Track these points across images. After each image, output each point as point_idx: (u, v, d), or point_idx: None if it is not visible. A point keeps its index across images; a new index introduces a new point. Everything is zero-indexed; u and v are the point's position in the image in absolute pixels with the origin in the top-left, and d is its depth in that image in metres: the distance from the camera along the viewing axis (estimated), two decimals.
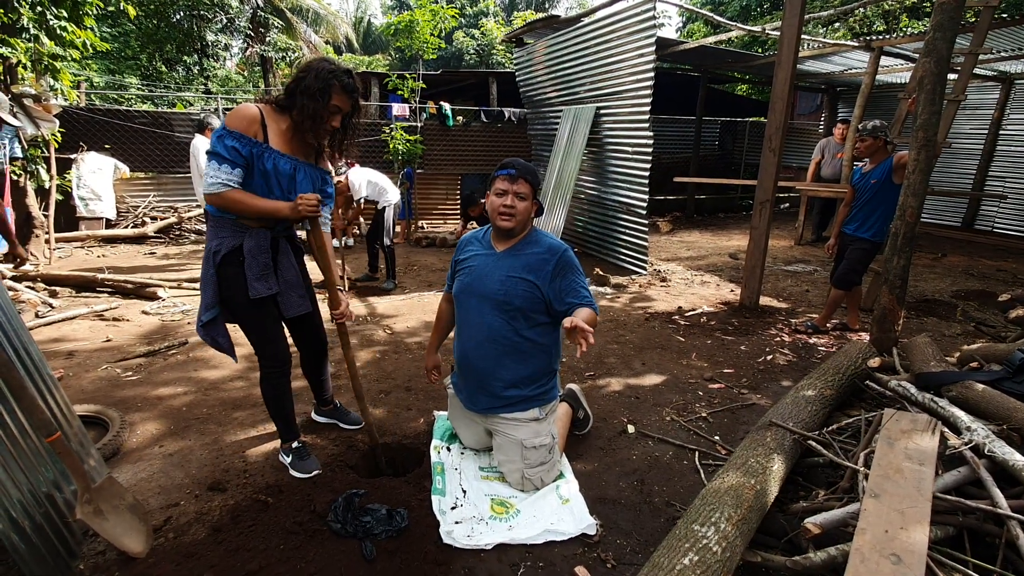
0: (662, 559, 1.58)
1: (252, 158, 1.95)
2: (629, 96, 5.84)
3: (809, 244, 8.01)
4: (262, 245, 2.07)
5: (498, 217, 2.11)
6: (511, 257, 2.16)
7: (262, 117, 1.97)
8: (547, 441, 2.23)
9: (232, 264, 2.05)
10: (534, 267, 2.13)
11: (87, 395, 3.01)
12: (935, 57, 3.09)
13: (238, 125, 1.92)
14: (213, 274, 2.05)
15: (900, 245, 3.28)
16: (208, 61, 17.76)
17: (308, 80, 1.94)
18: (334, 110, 2.00)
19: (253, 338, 2.20)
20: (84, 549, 1.88)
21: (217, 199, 1.93)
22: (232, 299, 2.10)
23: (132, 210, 7.87)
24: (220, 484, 2.24)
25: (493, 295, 2.13)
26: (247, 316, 2.14)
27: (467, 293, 2.22)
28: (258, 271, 2.06)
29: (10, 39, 5.33)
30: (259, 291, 2.06)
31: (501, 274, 2.14)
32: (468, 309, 2.22)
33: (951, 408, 2.25)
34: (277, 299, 2.16)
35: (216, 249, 2.04)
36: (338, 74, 1.97)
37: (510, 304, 2.11)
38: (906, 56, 7.45)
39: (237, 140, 1.92)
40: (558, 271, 2.12)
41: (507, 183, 2.08)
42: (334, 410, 2.72)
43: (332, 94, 1.96)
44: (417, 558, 1.83)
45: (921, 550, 1.50)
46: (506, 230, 2.13)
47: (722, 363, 3.65)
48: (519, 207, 2.09)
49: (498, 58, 22.53)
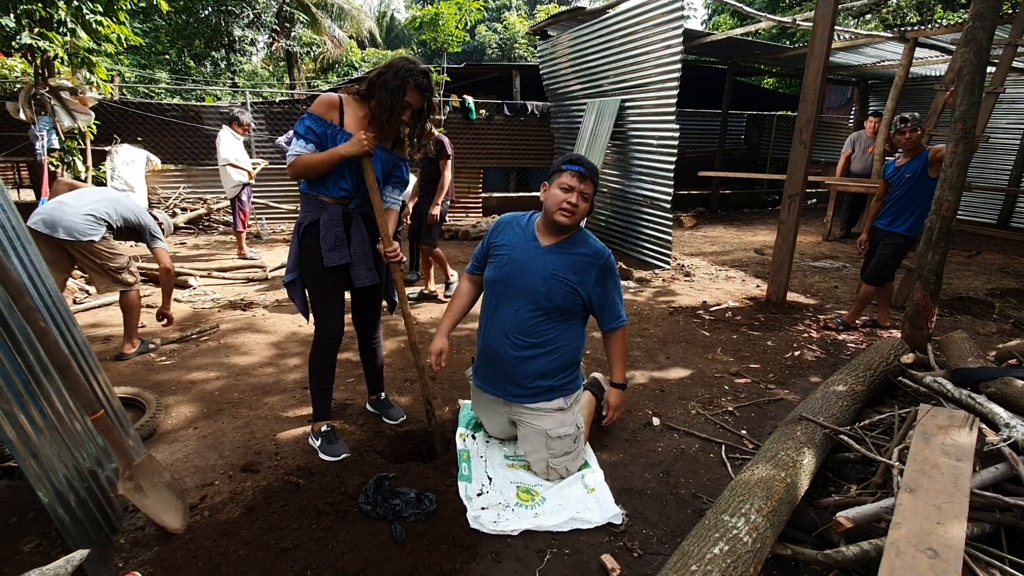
0: (692, 547, 1.58)
1: (326, 137, 2.16)
2: (655, 89, 5.77)
3: (838, 240, 7.85)
4: (335, 219, 2.23)
5: (559, 212, 2.08)
6: (557, 254, 2.15)
7: (341, 104, 2.18)
8: (571, 431, 2.24)
9: (311, 236, 2.25)
10: (579, 269, 2.15)
11: (124, 378, 3.11)
12: (974, 47, 3.00)
13: (317, 109, 2.16)
14: (296, 242, 2.29)
15: (935, 240, 3.20)
16: (235, 56, 18.05)
17: (388, 76, 2.12)
18: (407, 105, 2.16)
19: (316, 307, 2.35)
20: (124, 524, 1.94)
21: (291, 168, 2.17)
22: (309, 267, 2.28)
23: (163, 201, 8.05)
24: (252, 465, 2.29)
25: (534, 290, 2.13)
26: (318, 283, 2.30)
27: (503, 283, 2.19)
28: (331, 242, 2.22)
29: (48, 33, 5.48)
30: (332, 260, 2.22)
31: (546, 271, 2.13)
32: (502, 299, 2.21)
33: (989, 404, 2.20)
34: (350, 271, 2.30)
35: (301, 221, 2.28)
36: (414, 73, 2.13)
37: (551, 303, 2.14)
38: (941, 48, 7.24)
39: (314, 121, 2.15)
40: (601, 277, 2.17)
41: (576, 180, 2.06)
42: (379, 402, 2.77)
43: (407, 91, 2.12)
44: (445, 541, 1.86)
45: (958, 545, 1.47)
46: (562, 226, 2.12)
47: (748, 358, 3.61)
48: (581, 207, 2.09)
49: (520, 52, 22.47)
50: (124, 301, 3.36)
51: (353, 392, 3.02)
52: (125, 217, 3.29)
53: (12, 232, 1.89)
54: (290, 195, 8.45)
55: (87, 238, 3.08)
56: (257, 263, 5.73)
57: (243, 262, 5.80)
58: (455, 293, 2.46)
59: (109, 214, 3.20)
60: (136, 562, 1.77)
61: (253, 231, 7.68)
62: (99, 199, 3.23)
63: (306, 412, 2.73)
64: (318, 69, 21.35)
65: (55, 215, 3.02)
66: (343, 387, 3.05)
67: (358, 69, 20.51)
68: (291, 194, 8.43)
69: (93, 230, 3.11)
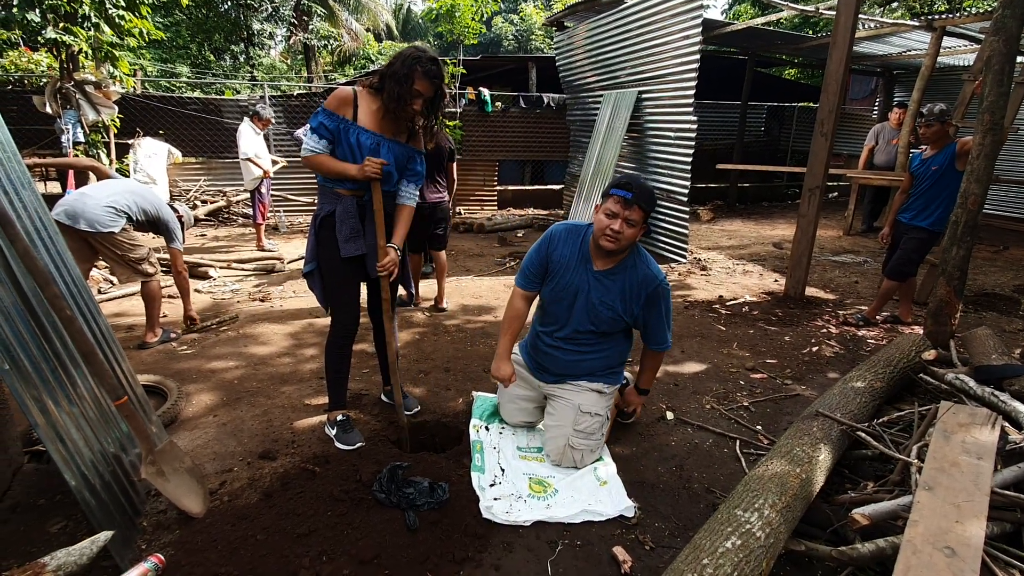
0: (704, 541, 1.58)
1: (339, 132, 2.18)
2: (673, 80, 5.70)
3: (859, 234, 7.70)
4: (350, 210, 2.25)
5: (603, 238, 2.08)
6: (608, 280, 2.19)
7: (355, 98, 2.19)
8: (602, 412, 2.29)
9: (328, 227, 2.28)
10: (628, 296, 2.19)
11: (146, 366, 3.18)
12: (1004, 36, 2.91)
13: (330, 104, 2.18)
14: (314, 234, 2.32)
15: (960, 234, 3.13)
16: (254, 50, 18.22)
17: (396, 65, 2.11)
18: (416, 93, 2.13)
19: (333, 297, 2.38)
20: (147, 508, 2.00)
21: (306, 161, 2.23)
22: (326, 257, 2.32)
23: (184, 194, 8.18)
24: (270, 453, 2.34)
25: (584, 314, 2.23)
26: (334, 275, 2.34)
27: (557, 303, 2.29)
28: (347, 233, 2.25)
29: (72, 28, 5.59)
30: (349, 251, 2.25)
31: (596, 298, 2.20)
32: (554, 315, 2.31)
33: (1013, 402, 2.15)
34: (365, 262, 2.33)
35: (318, 213, 2.31)
36: (421, 60, 2.10)
37: (598, 326, 2.25)
38: (969, 36, 7.03)
39: (327, 117, 2.17)
40: (649, 302, 2.21)
41: (620, 206, 2.02)
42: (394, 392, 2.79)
43: (415, 78, 2.10)
44: (458, 530, 1.88)
45: (977, 544, 1.45)
46: (607, 251, 2.13)
47: (764, 353, 3.57)
48: (626, 233, 2.04)
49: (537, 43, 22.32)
50: (145, 291, 3.43)
51: (368, 383, 3.05)
52: (145, 210, 3.35)
53: (40, 223, 1.95)
54: (308, 188, 8.53)
55: (107, 229, 3.15)
56: (275, 255, 5.81)
57: (262, 254, 5.88)
58: (509, 311, 2.39)
59: (129, 206, 3.27)
60: (158, 544, 1.82)
61: (271, 223, 7.78)
62: (120, 191, 3.29)
63: (322, 402, 2.77)
64: (335, 62, 21.47)
65: (77, 206, 3.09)
66: (358, 377, 3.09)
67: (375, 62, 20.56)
68: (309, 187, 8.51)
69: (113, 221, 3.17)
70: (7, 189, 1.79)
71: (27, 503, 1.98)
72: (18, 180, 1.89)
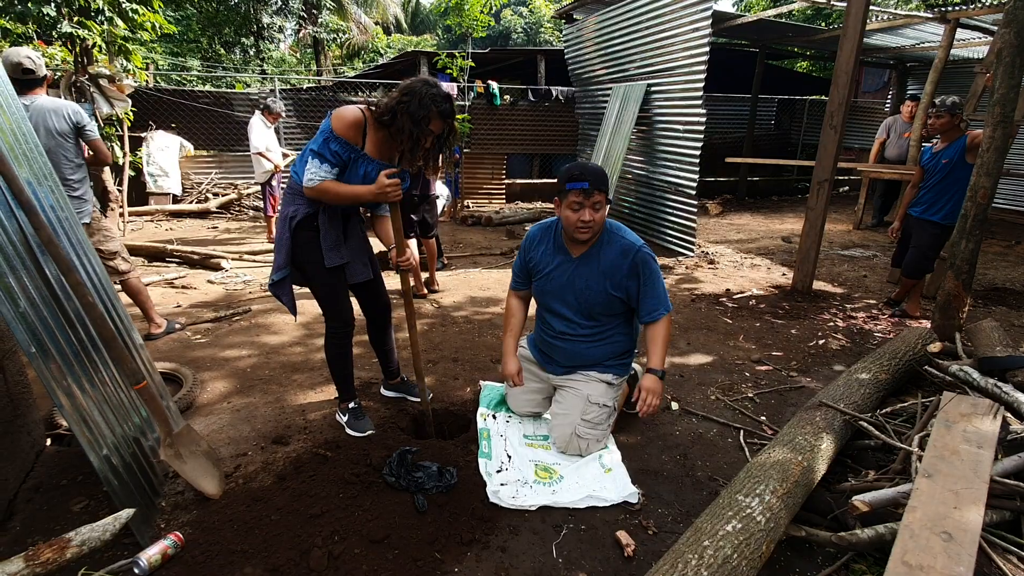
0: (705, 525, 1.62)
1: (349, 162, 2.13)
2: (682, 73, 5.69)
3: (869, 228, 7.65)
4: (335, 219, 2.24)
5: (577, 231, 2.11)
6: (587, 264, 2.23)
7: (364, 123, 2.12)
8: (610, 403, 2.33)
9: (306, 229, 2.21)
10: (608, 272, 2.21)
11: (162, 354, 3.26)
12: (1015, 28, 2.89)
13: (344, 132, 2.08)
14: (288, 238, 2.22)
15: (969, 228, 3.12)
16: (264, 43, 18.31)
17: (412, 106, 2.04)
18: (430, 133, 2.12)
19: (323, 301, 2.38)
20: (166, 489, 2.06)
21: (313, 191, 2.11)
22: (307, 264, 2.27)
23: (196, 186, 8.28)
24: (283, 438, 2.40)
25: (574, 302, 2.28)
26: (320, 282, 2.31)
27: (547, 297, 2.34)
28: (332, 242, 2.23)
29: (86, 22, 5.66)
30: (333, 260, 2.24)
31: (580, 284, 2.24)
32: (549, 309, 2.36)
33: (1016, 393, 2.16)
34: (345, 267, 2.32)
35: (292, 215, 2.20)
36: (438, 101, 2.06)
37: (591, 309, 2.26)
38: (983, 28, 6.94)
39: (340, 146, 2.09)
40: (633, 272, 2.20)
41: (582, 197, 2.05)
42: (401, 383, 2.83)
43: (432, 119, 2.08)
44: (465, 513, 1.93)
45: (974, 529, 1.47)
46: (585, 241, 2.18)
47: (771, 346, 3.59)
48: (597, 219, 2.09)
49: (546, 36, 22.22)
50: (127, 288, 3.37)
51: (377, 372, 3.10)
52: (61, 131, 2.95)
53: (63, 212, 2.01)
54: None
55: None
56: None
57: (273, 246, 5.95)
58: (507, 311, 2.52)
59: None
60: (177, 523, 1.88)
61: None
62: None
63: (332, 389, 2.82)
64: (344, 55, 21.52)
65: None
66: (368, 367, 3.14)
67: (383, 55, 20.59)
68: None
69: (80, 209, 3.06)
70: (31, 180, 1.85)
71: (50, 483, 2.05)
72: (40, 172, 1.96)
